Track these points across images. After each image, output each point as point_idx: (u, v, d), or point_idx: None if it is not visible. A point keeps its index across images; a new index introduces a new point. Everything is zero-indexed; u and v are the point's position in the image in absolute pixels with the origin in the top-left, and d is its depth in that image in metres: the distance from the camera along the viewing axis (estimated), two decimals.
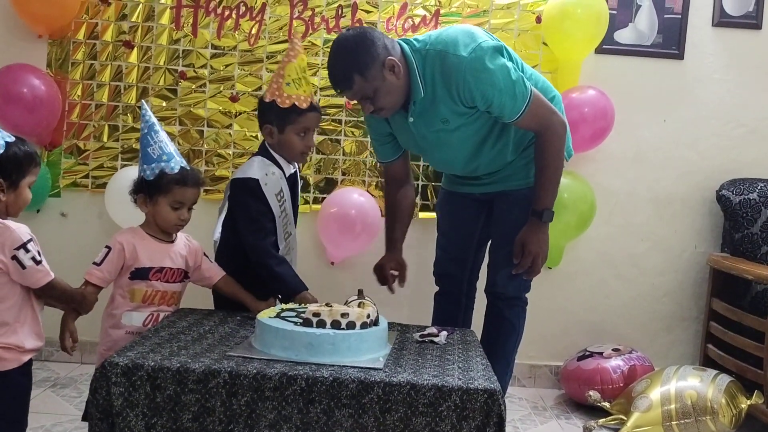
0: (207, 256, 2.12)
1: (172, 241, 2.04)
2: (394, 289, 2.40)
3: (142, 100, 2.20)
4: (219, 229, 2.24)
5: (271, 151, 2.19)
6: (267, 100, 2.15)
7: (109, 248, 1.94)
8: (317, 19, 2.95)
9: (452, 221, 2.47)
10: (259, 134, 2.45)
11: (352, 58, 2.01)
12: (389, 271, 2.36)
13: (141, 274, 1.95)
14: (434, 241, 2.54)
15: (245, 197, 2.12)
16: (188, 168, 2.03)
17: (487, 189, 2.33)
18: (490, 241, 2.42)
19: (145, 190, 1.99)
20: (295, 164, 2.27)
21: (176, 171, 1.98)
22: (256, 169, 2.15)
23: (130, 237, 1.97)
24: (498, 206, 2.33)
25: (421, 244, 2.82)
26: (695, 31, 3.00)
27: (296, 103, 2.13)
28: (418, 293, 2.73)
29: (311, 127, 2.18)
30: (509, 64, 2.06)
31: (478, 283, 2.50)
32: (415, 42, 2.12)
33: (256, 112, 2.35)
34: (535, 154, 2.17)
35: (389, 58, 2.02)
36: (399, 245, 2.41)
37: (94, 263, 1.93)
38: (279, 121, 2.14)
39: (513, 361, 2.40)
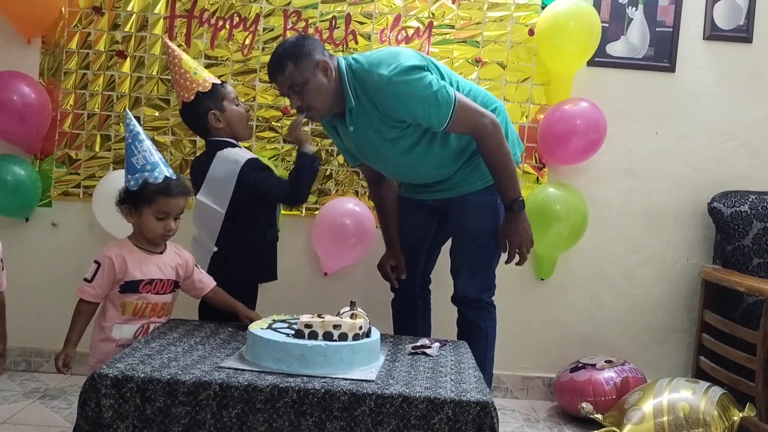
0: (198, 267, 2.11)
1: (161, 252, 2.02)
2: (396, 284, 2.52)
3: (126, 110, 2.17)
4: (213, 233, 2.24)
5: (225, 139, 2.29)
6: (190, 99, 2.27)
7: (98, 263, 1.93)
8: (311, 30, 2.95)
9: (404, 226, 2.55)
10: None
11: (289, 49, 2.18)
12: (388, 268, 2.51)
13: (131, 287, 1.94)
14: None
15: (259, 172, 2.23)
16: (173, 177, 2.00)
17: (439, 196, 2.42)
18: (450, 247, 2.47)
19: (129, 201, 1.97)
20: None
21: (160, 180, 1.95)
22: (241, 152, 2.26)
23: (118, 250, 1.95)
24: (452, 214, 2.42)
25: None
26: (687, 44, 3.02)
27: (213, 81, 2.30)
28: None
29: (236, 95, 2.37)
30: (431, 76, 2.16)
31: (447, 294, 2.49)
32: (351, 59, 2.24)
33: (188, 121, 2.40)
34: (482, 157, 2.26)
35: (323, 59, 2.17)
36: (395, 241, 2.54)
37: (85, 280, 1.92)
38: (215, 102, 2.28)
39: (489, 365, 2.40)
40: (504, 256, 2.34)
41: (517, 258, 2.32)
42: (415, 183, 2.47)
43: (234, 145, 2.29)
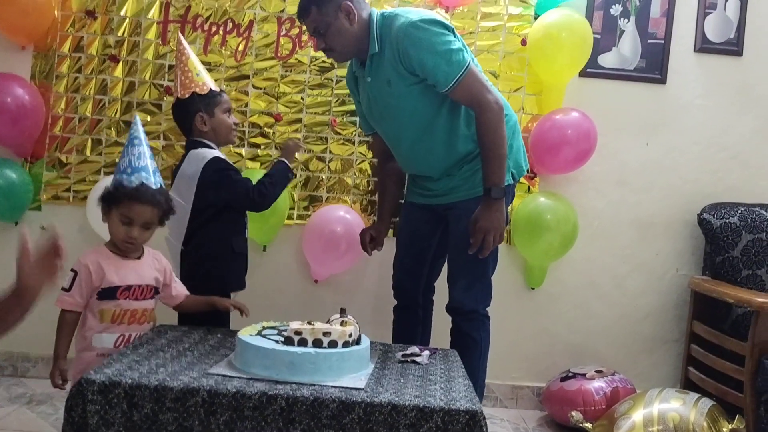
0: (173, 275, 2.11)
1: (139, 257, 2.00)
2: (369, 253, 2.60)
3: (135, 115, 2.18)
4: (181, 231, 2.25)
5: (205, 141, 2.32)
6: (185, 96, 2.31)
7: (75, 271, 1.89)
8: (304, 37, 2.96)
9: (408, 233, 2.55)
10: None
11: None
12: (368, 236, 2.57)
13: (108, 293, 1.91)
14: None
15: (221, 172, 2.24)
16: (151, 186, 1.95)
17: (441, 201, 2.40)
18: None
19: (105, 200, 1.96)
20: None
21: (133, 185, 1.92)
22: (211, 151, 2.28)
23: (94, 257, 1.92)
24: (449, 220, 2.40)
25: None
26: (677, 56, 3.04)
27: (212, 87, 2.35)
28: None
29: (231, 105, 2.42)
30: (453, 38, 2.20)
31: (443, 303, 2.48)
32: (389, 10, 2.32)
33: (176, 117, 2.42)
34: (477, 134, 2.24)
35: (346, 3, 2.22)
36: (386, 217, 2.63)
37: (63, 289, 1.89)
38: (207, 107, 2.32)
39: (481, 377, 2.39)
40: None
41: (480, 247, 2.22)
42: (417, 171, 2.44)
43: (210, 147, 2.31)
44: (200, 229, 2.24)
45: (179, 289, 2.10)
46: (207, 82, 2.35)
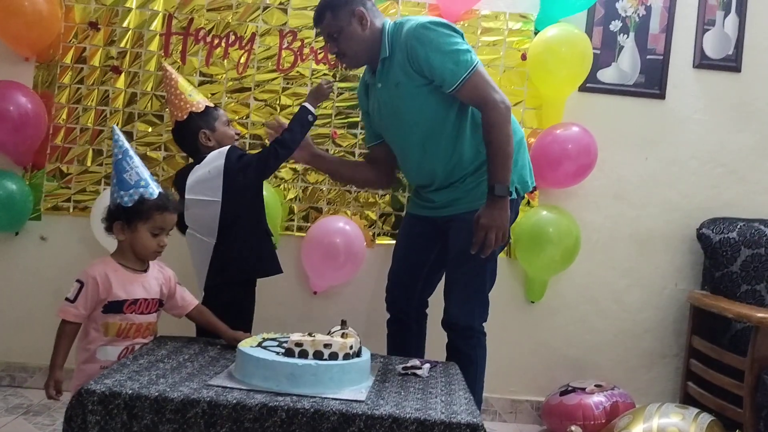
0: (180, 284, 2.10)
1: (145, 270, 2.00)
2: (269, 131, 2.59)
3: (114, 126, 2.14)
4: (213, 227, 2.27)
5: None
6: (183, 119, 2.35)
7: (81, 283, 1.89)
8: (306, 50, 2.98)
9: (406, 246, 2.55)
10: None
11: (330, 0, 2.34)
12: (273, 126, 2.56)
13: (115, 307, 1.90)
14: None
15: (243, 156, 2.31)
16: (165, 193, 2.02)
17: (442, 213, 2.40)
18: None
19: (122, 217, 1.95)
20: None
21: (156, 196, 1.96)
22: (225, 147, 2.32)
23: (102, 269, 1.92)
24: (449, 233, 2.39)
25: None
26: (677, 72, 3.06)
27: (207, 105, 2.39)
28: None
29: (228, 119, 2.45)
30: (462, 41, 2.25)
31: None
32: (402, 17, 2.39)
33: (179, 140, 2.46)
34: (483, 132, 2.25)
35: (360, 9, 2.30)
36: (326, 156, 2.73)
37: (67, 299, 1.88)
38: (207, 123, 2.36)
39: (477, 393, 2.36)
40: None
41: (481, 247, 2.21)
42: (421, 178, 2.45)
43: None
44: (235, 220, 2.26)
45: (187, 298, 2.09)
46: (200, 100, 2.39)
